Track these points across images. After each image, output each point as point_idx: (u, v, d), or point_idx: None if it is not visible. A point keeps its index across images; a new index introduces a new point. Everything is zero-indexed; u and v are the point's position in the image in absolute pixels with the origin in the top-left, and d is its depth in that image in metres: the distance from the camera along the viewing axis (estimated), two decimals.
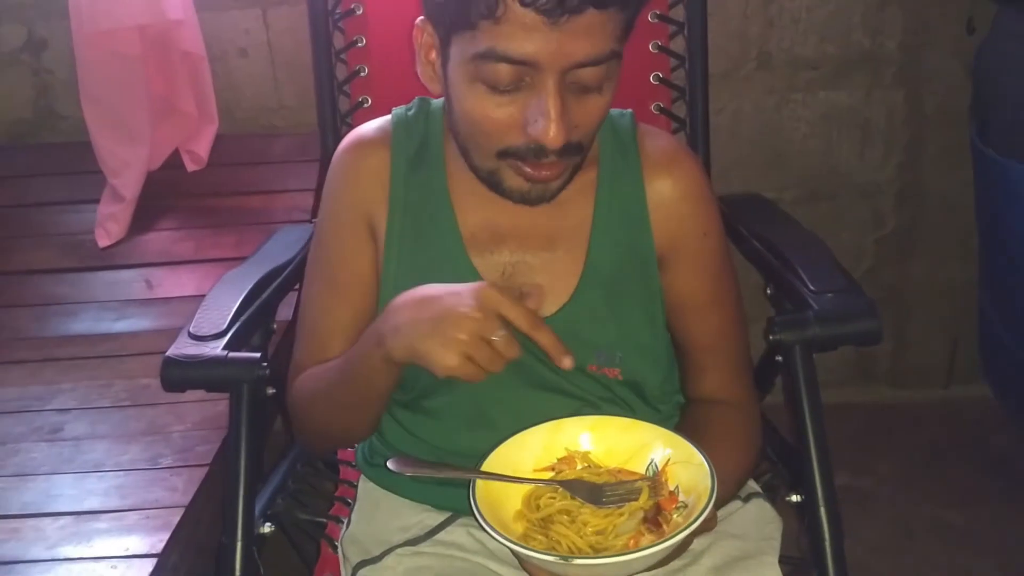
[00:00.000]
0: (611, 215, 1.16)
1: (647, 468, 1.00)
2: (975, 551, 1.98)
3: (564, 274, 1.15)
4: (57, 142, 2.20)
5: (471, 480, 0.97)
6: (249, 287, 1.37)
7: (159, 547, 1.27)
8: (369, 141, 1.20)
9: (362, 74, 1.65)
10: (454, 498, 1.13)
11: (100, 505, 1.37)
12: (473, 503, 0.94)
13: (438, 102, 1.19)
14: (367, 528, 1.21)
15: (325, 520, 1.31)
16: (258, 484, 1.24)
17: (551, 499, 0.98)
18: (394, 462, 1.05)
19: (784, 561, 1.14)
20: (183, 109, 2.03)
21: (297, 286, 1.50)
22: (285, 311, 1.49)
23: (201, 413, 1.54)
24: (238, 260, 1.51)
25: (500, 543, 0.92)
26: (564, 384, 1.14)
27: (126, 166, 1.98)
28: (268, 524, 1.23)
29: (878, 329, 1.19)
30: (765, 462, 1.28)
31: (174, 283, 1.91)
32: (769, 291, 1.40)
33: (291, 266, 1.48)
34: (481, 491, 0.96)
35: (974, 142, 2.09)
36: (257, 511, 1.22)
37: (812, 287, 1.25)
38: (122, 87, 1.95)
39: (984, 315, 2.24)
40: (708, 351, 1.20)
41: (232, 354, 1.20)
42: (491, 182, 1.07)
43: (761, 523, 1.18)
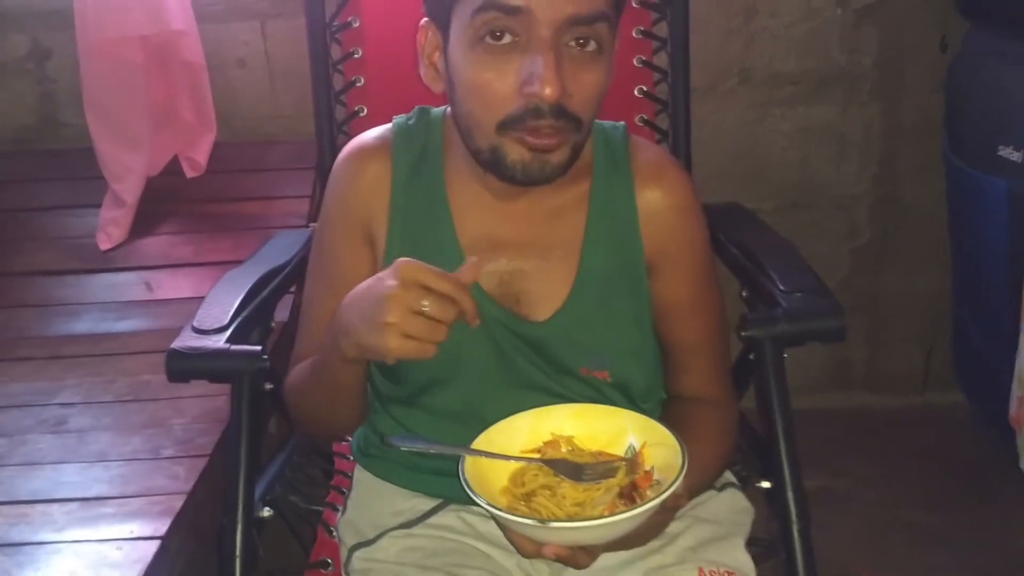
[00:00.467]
0: (603, 225, 1.18)
1: (626, 451, 1.05)
2: (944, 550, 2.01)
3: (558, 281, 1.17)
4: (59, 148, 2.22)
5: (461, 457, 1.01)
6: (249, 286, 1.40)
7: (163, 530, 1.31)
8: (370, 149, 1.22)
9: (358, 84, 1.68)
10: (445, 486, 1.16)
11: (105, 492, 1.41)
12: (462, 476, 0.98)
13: (438, 111, 1.22)
14: (362, 513, 1.24)
15: (321, 508, 1.34)
16: (257, 471, 1.28)
17: (535, 476, 1.02)
18: (391, 438, 1.10)
19: (754, 543, 1.19)
20: (183, 117, 2.06)
21: (293, 288, 1.54)
22: (281, 312, 1.52)
23: (200, 407, 1.58)
24: (235, 263, 1.54)
25: (484, 509, 0.96)
26: (554, 386, 1.17)
27: (127, 171, 2.01)
28: (267, 508, 1.26)
29: (842, 327, 1.24)
30: (738, 453, 1.32)
31: (173, 285, 1.95)
32: (744, 293, 1.45)
33: (288, 268, 1.51)
34: (470, 467, 1.00)
35: (946, 155, 2.13)
36: (256, 496, 1.25)
37: (782, 287, 1.30)
38: (124, 95, 1.98)
39: (957, 323, 2.27)
40: (691, 352, 1.23)
41: (234, 347, 1.25)
42: (493, 162, 1.08)
43: (734, 510, 1.22)
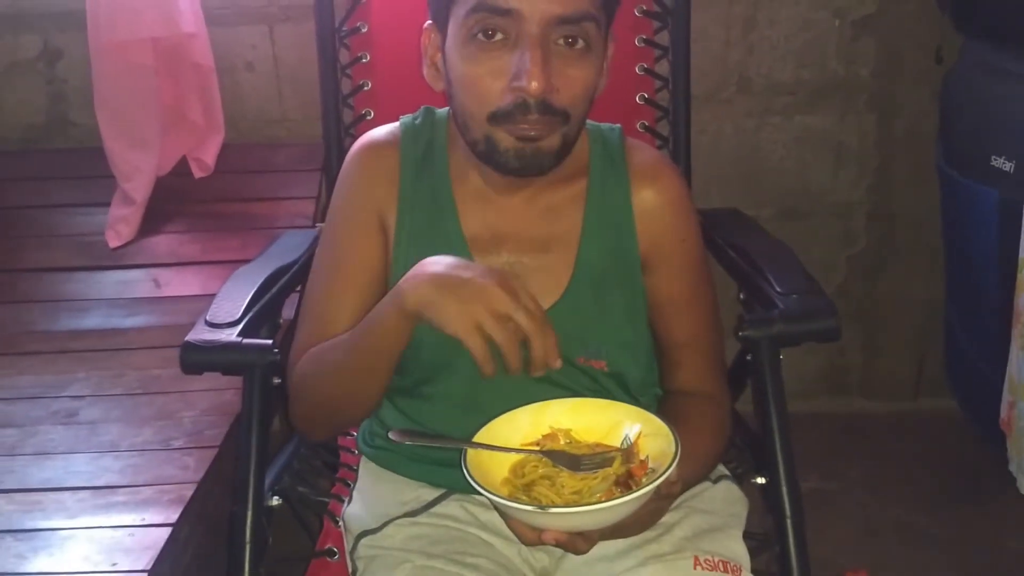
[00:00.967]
0: (600, 222, 1.23)
1: (621, 442, 1.08)
2: (936, 551, 2.04)
3: (556, 275, 1.22)
4: (69, 148, 2.24)
5: (463, 449, 1.05)
6: (260, 282, 1.44)
7: (173, 517, 1.35)
8: (381, 143, 1.27)
9: (366, 88, 1.71)
10: (449, 477, 1.20)
11: (116, 480, 1.44)
12: (465, 468, 1.02)
13: (442, 111, 1.27)
14: (368, 503, 1.27)
15: (327, 499, 1.37)
16: (266, 462, 1.31)
17: (535, 467, 1.05)
18: (395, 433, 1.13)
19: (749, 537, 1.22)
20: (192, 118, 2.08)
21: (299, 288, 1.58)
22: (287, 310, 1.53)
23: (209, 401, 1.61)
24: (242, 262, 1.56)
25: (486, 498, 0.99)
26: (555, 375, 1.18)
27: (137, 171, 2.03)
28: (276, 497, 1.29)
29: (836, 327, 1.27)
30: (733, 449, 1.35)
31: (181, 283, 1.97)
32: (742, 296, 1.48)
33: (295, 267, 1.54)
34: (472, 459, 1.03)
35: (940, 165, 2.16)
36: (265, 486, 1.28)
37: (779, 289, 1.33)
38: (135, 96, 2.01)
39: (950, 330, 2.30)
40: (685, 347, 1.27)
41: (246, 340, 1.28)
42: (488, 152, 1.14)
43: (729, 502, 1.26)
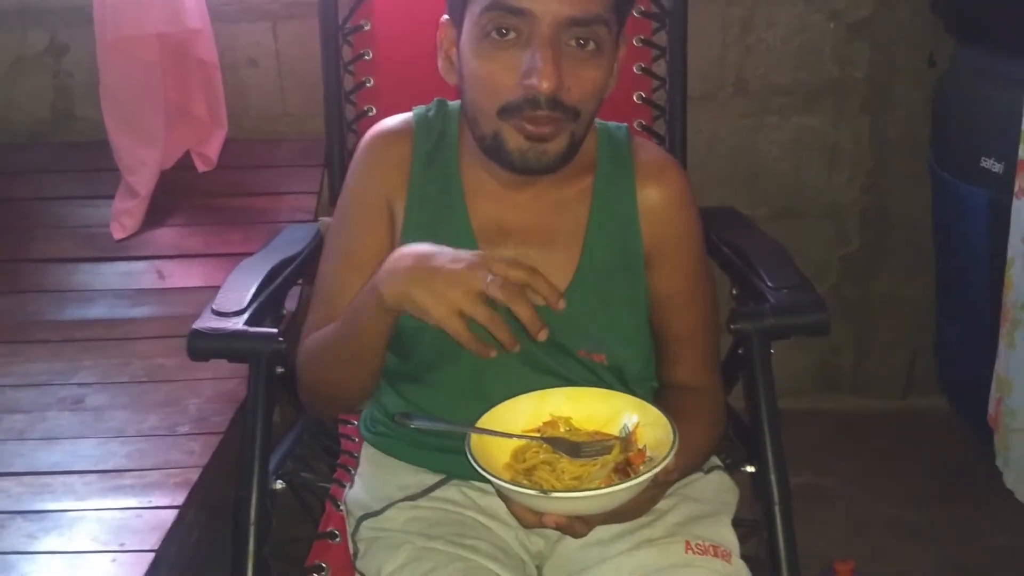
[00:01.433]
0: (605, 218, 1.25)
1: (620, 430, 1.11)
2: (924, 545, 2.08)
3: (561, 269, 1.23)
4: (74, 141, 2.27)
5: (467, 434, 1.08)
6: (264, 274, 1.47)
7: (180, 500, 1.38)
8: (394, 132, 1.29)
9: (368, 85, 1.74)
10: (449, 462, 1.23)
11: (124, 465, 1.47)
12: (469, 453, 1.05)
13: (454, 104, 1.29)
14: (369, 487, 1.30)
15: (329, 484, 1.40)
16: (271, 447, 1.34)
17: (536, 453, 1.08)
18: (400, 416, 1.17)
19: (739, 524, 1.25)
20: (195, 113, 2.11)
21: (301, 280, 1.61)
22: (290, 302, 1.57)
23: (215, 389, 1.64)
24: (244, 255, 1.60)
25: (489, 481, 1.02)
26: (555, 366, 1.24)
27: (141, 165, 2.06)
28: (279, 481, 1.32)
29: (826, 321, 1.31)
30: (725, 441, 1.38)
31: (184, 275, 2.00)
32: (735, 291, 1.52)
33: (298, 260, 1.57)
34: (476, 444, 1.07)
35: (933, 167, 2.19)
36: (269, 470, 1.31)
37: (770, 284, 1.37)
38: (140, 91, 2.03)
39: (940, 328, 2.33)
40: (683, 343, 1.30)
41: (252, 329, 1.31)
42: (495, 148, 1.16)
43: (720, 490, 1.29)
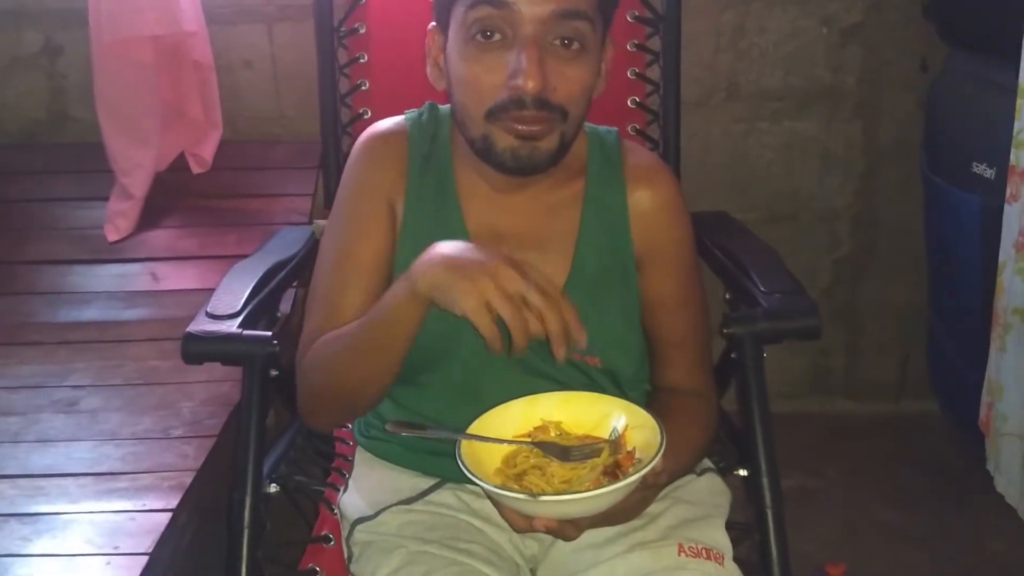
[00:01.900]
0: (596, 222, 1.26)
1: (609, 433, 1.11)
2: (915, 549, 2.08)
3: (553, 273, 1.21)
4: (68, 142, 2.27)
5: (458, 440, 1.08)
6: (258, 276, 1.48)
7: (174, 503, 1.38)
8: (390, 133, 1.29)
9: (363, 88, 1.75)
10: (442, 466, 1.22)
11: (118, 468, 1.47)
12: (459, 458, 1.05)
13: (445, 108, 1.29)
14: (364, 491, 1.30)
15: (323, 488, 1.40)
16: (265, 450, 1.34)
17: (526, 457, 1.08)
18: (392, 424, 1.16)
19: (732, 527, 1.25)
20: (190, 115, 2.11)
21: (296, 283, 1.61)
22: (283, 305, 1.58)
23: (208, 392, 1.64)
24: (239, 257, 1.60)
25: (480, 487, 1.02)
26: (548, 369, 1.24)
27: (136, 166, 2.06)
28: (273, 485, 1.32)
29: (818, 325, 1.32)
30: (718, 444, 1.39)
31: (178, 277, 2.00)
32: (728, 296, 1.53)
33: (292, 263, 1.57)
34: (466, 450, 1.07)
35: (924, 172, 2.20)
36: (263, 473, 1.31)
37: (763, 288, 1.38)
38: (135, 93, 2.04)
39: (932, 333, 2.34)
40: (676, 346, 1.30)
41: (247, 332, 1.32)
42: (485, 150, 1.17)
43: (713, 493, 1.29)
